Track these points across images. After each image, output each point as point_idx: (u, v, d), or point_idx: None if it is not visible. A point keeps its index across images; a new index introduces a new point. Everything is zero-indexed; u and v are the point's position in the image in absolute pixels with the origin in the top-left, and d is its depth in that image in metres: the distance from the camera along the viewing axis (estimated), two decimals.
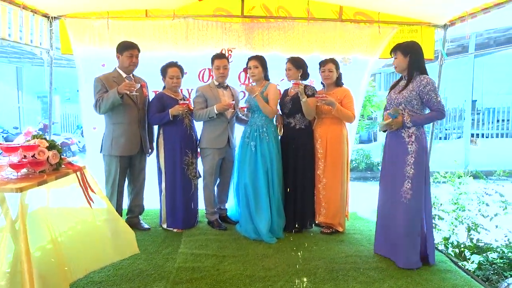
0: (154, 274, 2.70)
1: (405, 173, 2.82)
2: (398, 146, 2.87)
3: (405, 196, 2.82)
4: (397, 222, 2.87)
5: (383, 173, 3.08)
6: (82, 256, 2.40)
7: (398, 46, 2.91)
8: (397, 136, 2.88)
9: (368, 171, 9.10)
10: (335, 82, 3.56)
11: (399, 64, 2.89)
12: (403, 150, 2.84)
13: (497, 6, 3.33)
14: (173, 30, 3.96)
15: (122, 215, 3.56)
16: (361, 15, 4.10)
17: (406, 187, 2.81)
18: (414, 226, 2.83)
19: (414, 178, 2.80)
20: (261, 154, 3.42)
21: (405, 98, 2.81)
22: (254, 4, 4.03)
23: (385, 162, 3.07)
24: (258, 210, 3.40)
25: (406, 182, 2.82)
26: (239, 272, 2.75)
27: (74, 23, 3.89)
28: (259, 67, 3.46)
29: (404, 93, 2.82)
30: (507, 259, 3.28)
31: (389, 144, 2.98)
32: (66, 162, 2.35)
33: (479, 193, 3.86)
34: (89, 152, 4.17)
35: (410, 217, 2.82)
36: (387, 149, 3.04)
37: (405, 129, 2.83)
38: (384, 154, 3.10)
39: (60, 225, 2.29)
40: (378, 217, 3.11)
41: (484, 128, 10.86)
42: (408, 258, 2.83)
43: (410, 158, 2.81)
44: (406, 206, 2.82)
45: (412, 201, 2.80)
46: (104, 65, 3.88)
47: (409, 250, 2.83)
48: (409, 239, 2.83)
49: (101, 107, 3.25)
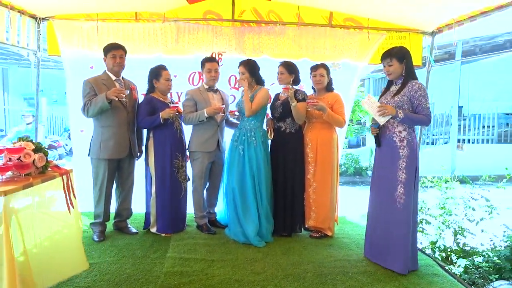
0: (141, 279, 2.66)
1: (397, 178, 2.82)
2: (390, 150, 2.88)
3: (399, 200, 2.83)
4: (392, 227, 2.86)
5: (374, 178, 3.09)
6: (48, 268, 2.30)
7: (391, 53, 2.89)
8: (389, 140, 2.89)
9: (357, 176, 9.18)
10: (326, 87, 3.58)
11: (395, 70, 2.89)
12: (395, 155, 2.84)
13: (483, 15, 3.40)
14: (163, 33, 3.94)
15: (109, 219, 3.52)
16: (351, 21, 4.14)
17: (400, 191, 2.82)
18: (408, 230, 2.85)
19: (406, 182, 2.82)
20: (248, 158, 3.42)
21: (397, 103, 2.83)
22: (245, 8, 4.04)
23: (376, 167, 3.08)
24: (246, 214, 3.40)
25: (399, 186, 2.82)
26: (228, 276, 2.73)
27: (63, 25, 3.85)
28: (246, 73, 3.45)
29: (396, 98, 2.85)
30: (493, 263, 3.33)
31: (381, 149, 2.98)
32: (52, 165, 2.32)
33: (465, 198, 3.92)
34: (76, 155, 4.11)
35: (405, 221, 2.83)
36: (378, 153, 3.04)
37: (397, 134, 2.85)
38: (375, 159, 3.11)
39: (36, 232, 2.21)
40: (370, 221, 3.10)
41: (470, 133, 11.04)
42: (405, 262, 2.84)
43: (402, 162, 2.82)
44: (400, 211, 2.82)
45: (405, 205, 2.82)
46: (92, 67, 3.84)
47: (405, 254, 2.84)
48: (405, 243, 2.83)
49: (89, 111, 3.21)
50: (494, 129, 10.99)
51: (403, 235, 2.82)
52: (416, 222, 3.01)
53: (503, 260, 3.25)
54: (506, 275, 3.14)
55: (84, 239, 3.32)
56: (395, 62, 2.87)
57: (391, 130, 2.88)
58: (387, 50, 2.94)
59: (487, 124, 11.04)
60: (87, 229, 3.55)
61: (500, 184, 3.90)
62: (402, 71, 2.88)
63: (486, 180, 4.16)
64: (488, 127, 11.05)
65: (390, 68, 2.90)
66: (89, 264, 2.77)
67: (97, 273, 2.71)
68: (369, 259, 3.09)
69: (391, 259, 2.88)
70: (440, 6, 3.46)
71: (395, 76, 2.92)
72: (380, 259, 2.98)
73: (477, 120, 11.02)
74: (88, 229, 3.53)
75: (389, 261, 2.91)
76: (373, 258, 3.05)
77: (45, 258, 2.24)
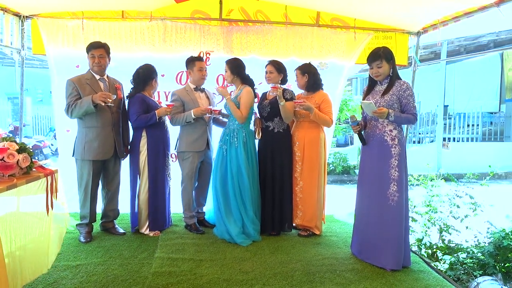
0: (129, 279, 2.64)
1: (390, 176, 2.86)
2: (381, 149, 2.90)
3: (392, 198, 2.86)
4: (386, 225, 2.88)
5: (363, 177, 3.09)
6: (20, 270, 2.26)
7: (380, 54, 2.88)
8: (380, 139, 2.91)
9: (345, 174, 9.25)
10: (310, 86, 3.58)
11: (385, 71, 2.90)
12: (387, 153, 2.87)
13: (466, 15, 3.46)
14: (150, 32, 3.92)
15: (96, 220, 3.48)
16: (338, 21, 4.17)
17: (393, 189, 2.85)
18: (402, 226, 2.89)
19: (399, 180, 2.86)
20: (229, 159, 3.43)
21: (387, 102, 2.85)
22: (233, 7, 4.03)
23: (365, 165, 3.07)
24: (228, 213, 3.42)
25: (392, 184, 2.85)
26: (216, 276, 2.73)
27: (47, 23, 3.79)
28: (228, 71, 3.48)
29: (386, 97, 2.87)
30: (477, 259, 3.39)
31: (371, 147, 2.98)
32: (37, 166, 2.28)
33: (450, 195, 3.98)
34: (62, 155, 4.05)
35: (398, 218, 2.87)
36: (367, 152, 3.03)
37: (388, 132, 2.88)
38: (364, 158, 3.10)
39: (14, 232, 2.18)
40: (359, 220, 3.11)
41: (455, 132, 11.21)
42: (399, 257, 2.88)
43: (394, 160, 2.86)
44: (394, 209, 2.85)
45: (398, 202, 2.86)
46: (78, 66, 3.79)
47: (399, 250, 2.88)
48: (398, 240, 2.87)
49: (73, 113, 3.17)
50: (479, 128, 11.19)
51: (397, 232, 2.86)
52: (408, 218, 3.05)
53: (487, 256, 3.32)
54: (490, 271, 3.21)
55: (71, 241, 3.31)
56: (385, 63, 2.88)
57: (381, 129, 2.91)
58: (374, 52, 2.92)
59: (471, 123, 11.22)
60: (74, 230, 3.51)
61: (484, 181, 3.97)
62: (390, 71, 2.91)
63: (470, 178, 4.23)
64: (472, 126, 11.24)
65: (379, 70, 2.90)
66: (76, 266, 2.73)
67: (84, 275, 2.68)
68: (356, 256, 3.12)
69: (385, 256, 2.89)
70: (425, 7, 3.51)
71: (384, 77, 2.94)
72: (372, 257, 2.98)
73: (462, 119, 11.20)
74: (75, 230, 3.49)
75: (382, 259, 2.91)
76: (363, 257, 3.06)
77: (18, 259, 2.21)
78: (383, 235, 2.90)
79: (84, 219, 3.39)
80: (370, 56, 2.94)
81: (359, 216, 3.12)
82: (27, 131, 12.95)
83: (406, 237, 2.97)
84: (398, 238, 2.87)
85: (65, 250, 3.11)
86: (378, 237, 2.93)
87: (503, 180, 9.53)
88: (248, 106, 3.42)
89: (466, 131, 11.18)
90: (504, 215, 3.75)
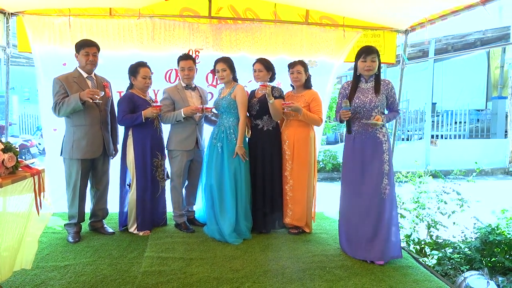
0: (118, 279, 2.62)
1: (383, 171, 2.97)
2: (374, 146, 2.99)
3: (384, 192, 2.96)
4: (378, 218, 2.95)
5: (350, 174, 3.10)
6: None
7: (374, 48, 2.97)
8: (373, 136, 2.99)
9: (335, 172, 9.30)
10: (304, 84, 3.58)
11: (376, 67, 2.98)
12: (379, 150, 2.98)
13: (453, 14, 3.50)
14: (138, 29, 3.88)
15: (84, 220, 3.44)
16: (327, 19, 4.19)
17: (384, 183, 2.96)
18: (391, 218, 2.98)
19: (389, 173, 2.99)
20: (228, 155, 3.41)
21: (380, 102, 2.98)
22: (222, 5, 4.02)
23: (353, 162, 3.06)
24: (223, 212, 3.40)
25: (384, 178, 2.97)
26: (207, 274, 2.73)
27: (33, 20, 3.73)
28: (227, 70, 3.45)
29: (379, 97, 2.97)
30: (463, 254, 3.45)
31: (362, 145, 3.01)
32: (23, 165, 2.25)
33: (438, 192, 4.03)
34: (49, 154, 4.00)
35: (389, 209, 2.97)
36: (359, 149, 3.03)
37: (379, 129, 2.99)
38: (350, 154, 3.10)
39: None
40: (346, 218, 3.13)
41: (443, 129, 11.35)
42: (386, 250, 2.94)
43: (385, 156, 2.99)
44: (385, 201, 2.96)
45: (389, 195, 2.97)
46: (65, 64, 3.74)
47: (387, 242, 2.95)
48: (387, 231, 2.96)
49: (61, 111, 3.13)
50: (466, 125, 11.35)
51: (387, 224, 2.95)
52: (396, 210, 3.14)
53: (474, 251, 3.37)
54: (476, 266, 3.26)
55: (59, 241, 3.28)
56: (377, 59, 2.97)
57: (373, 127, 2.98)
58: (368, 47, 3.00)
59: (458, 120, 11.38)
60: (62, 230, 3.47)
61: (470, 177, 4.04)
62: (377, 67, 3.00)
63: (457, 174, 4.30)
64: (460, 123, 11.40)
65: (373, 64, 2.96)
66: (64, 266, 2.68)
67: (72, 275, 2.65)
68: (346, 253, 3.14)
69: (376, 249, 2.95)
70: (413, 5, 3.55)
71: (373, 73, 3.00)
72: (364, 252, 3.00)
73: (449, 116, 11.34)
74: (63, 231, 3.45)
75: (372, 252, 2.96)
76: (353, 253, 3.08)
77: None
78: (375, 228, 2.96)
79: (72, 219, 3.35)
80: (365, 50, 2.98)
81: (347, 213, 3.14)
82: (14, 130, 12.76)
83: (396, 229, 3.04)
84: (388, 229, 2.96)
85: (53, 250, 3.07)
86: (371, 231, 2.98)
87: (489, 176, 9.70)
88: (245, 104, 3.45)
89: (454, 128, 11.33)
90: (490, 211, 3.81)
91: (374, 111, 2.97)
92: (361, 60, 2.98)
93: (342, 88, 3.16)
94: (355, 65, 3.06)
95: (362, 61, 2.97)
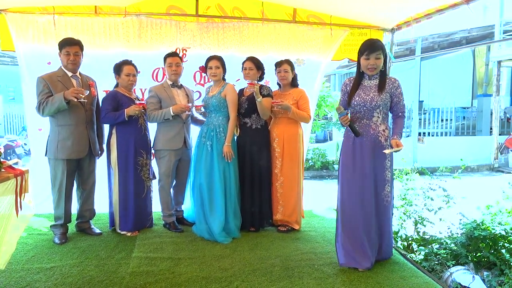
0: (105, 280, 2.60)
1: (385, 178, 2.80)
2: (376, 150, 2.76)
3: (386, 199, 2.83)
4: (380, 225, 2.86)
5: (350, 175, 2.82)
6: None
7: (379, 44, 2.68)
8: (375, 140, 2.76)
9: (324, 170, 9.35)
10: (291, 82, 3.62)
11: (380, 65, 2.69)
12: (381, 154, 2.75)
13: (438, 12, 3.55)
14: (124, 27, 3.83)
15: (71, 221, 3.40)
16: (314, 18, 4.20)
17: (387, 190, 2.82)
18: (390, 226, 2.97)
19: (391, 180, 2.85)
20: (217, 153, 3.40)
21: (383, 101, 2.72)
22: (210, 4, 4.00)
23: (354, 163, 2.81)
24: (212, 211, 3.39)
25: (386, 186, 2.81)
26: (195, 274, 2.72)
27: (16, 18, 3.65)
28: (220, 68, 3.45)
29: (382, 96, 2.71)
30: (450, 250, 3.50)
31: (362, 146, 2.78)
32: (6, 166, 2.21)
33: (424, 189, 4.08)
34: (35, 154, 3.93)
35: (390, 217, 2.93)
36: (357, 149, 2.79)
37: (381, 132, 2.76)
38: (349, 154, 2.84)
39: None
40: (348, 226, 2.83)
41: (430, 127, 11.50)
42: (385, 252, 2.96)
43: (387, 162, 2.80)
44: (387, 209, 2.86)
45: (391, 202, 2.88)
46: (50, 63, 3.67)
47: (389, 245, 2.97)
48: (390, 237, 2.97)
49: (45, 110, 3.08)
50: (452, 123, 11.51)
51: (388, 230, 2.92)
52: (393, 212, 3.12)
53: (459, 247, 3.42)
54: (462, 261, 3.31)
55: (44, 242, 3.23)
56: (382, 56, 2.67)
57: (375, 129, 2.77)
58: (372, 42, 2.70)
59: (445, 118, 11.54)
60: (48, 232, 3.42)
61: (456, 174, 4.09)
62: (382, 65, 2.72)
63: (443, 171, 4.35)
64: (446, 121, 11.55)
65: (377, 62, 2.67)
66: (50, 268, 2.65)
67: (58, 277, 2.62)
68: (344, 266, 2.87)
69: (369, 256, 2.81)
70: (399, 4, 3.58)
71: (378, 71, 2.73)
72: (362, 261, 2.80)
73: (436, 114, 11.49)
74: (49, 232, 3.40)
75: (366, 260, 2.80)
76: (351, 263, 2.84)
77: None
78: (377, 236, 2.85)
79: (58, 220, 3.30)
80: (369, 46, 2.67)
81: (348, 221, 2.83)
82: None
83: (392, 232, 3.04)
84: (389, 235, 2.94)
85: (39, 252, 3.03)
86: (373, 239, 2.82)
87: (475, 172, 9.87)
88: (236, 103, 3.44)
89: (440, 125, 11.48)
90: (475, 207, 3.87)
91: (375, 111, 2.73)
92: (364, 57, 2.70)
93: (344, 84, 2.90)
94: (358, 61, 2.78)
95: (365, 58, 2.69)
